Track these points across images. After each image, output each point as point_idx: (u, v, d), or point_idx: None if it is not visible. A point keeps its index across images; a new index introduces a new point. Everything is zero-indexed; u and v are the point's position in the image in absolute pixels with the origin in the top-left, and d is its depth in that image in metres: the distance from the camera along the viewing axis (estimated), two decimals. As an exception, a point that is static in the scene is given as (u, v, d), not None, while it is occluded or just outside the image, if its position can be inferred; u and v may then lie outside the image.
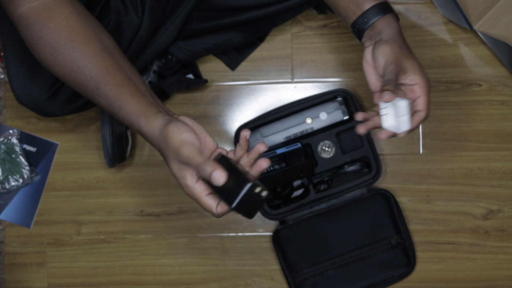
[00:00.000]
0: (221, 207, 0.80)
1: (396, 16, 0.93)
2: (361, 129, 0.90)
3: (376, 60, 0.91)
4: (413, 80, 0.88)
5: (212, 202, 0.80)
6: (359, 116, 0.90)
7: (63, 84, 1.10)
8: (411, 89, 0.88)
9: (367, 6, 0.92)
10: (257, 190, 0.76)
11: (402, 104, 0.86)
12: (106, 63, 0.85)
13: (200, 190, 0.80)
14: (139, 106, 0.83)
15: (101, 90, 0.85)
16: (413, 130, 0.89)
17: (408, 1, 1.35)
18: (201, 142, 0.81)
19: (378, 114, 0.89)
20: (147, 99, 0.84)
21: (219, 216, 0.81)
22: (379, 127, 0.89)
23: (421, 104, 0.88)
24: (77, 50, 0.85)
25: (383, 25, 0.91)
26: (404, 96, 0.87)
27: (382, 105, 0.88)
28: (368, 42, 0.94)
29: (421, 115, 0.89)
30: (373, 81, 0.93)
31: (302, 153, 1.24)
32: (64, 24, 0.85)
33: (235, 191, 0.76)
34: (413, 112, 0.89)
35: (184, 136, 0.79)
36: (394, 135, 0.90)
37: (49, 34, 0.85)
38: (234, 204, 0.75)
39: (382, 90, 0.86)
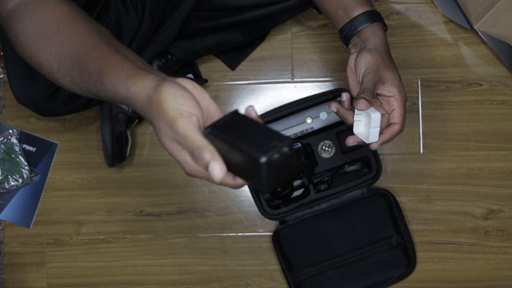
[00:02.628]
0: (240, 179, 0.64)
1: (383, 25, 0.94)
2: (333, 107, 0.94)
3: (357, 68, 0.92)
4: (390, 92, 0.89)
5: (228, 179, 0.64)
6: (333, 106, 0.94)
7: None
8: (387, 100, 0.89)
9: (355, 13, 0.93)
10: (276, 155, 0.58)
11: (375, 116, 0.87)
12: (93, 40, 0.75)
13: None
14: (127, 70, 0.68)
15: (84, 67, 0.73)
16: (385, 143, 0.90)
17: (409, 0, 1.35)
18: (204, 113, 0.64)
19: (353, 114, 0.92)
20: (137, 65, 0.70)
21: (238, 187, 0.66)
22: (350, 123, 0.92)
23: (396, 117, 0.89)
24: (63, 33, 0.76)
25: (369, 34, 0.92)
26: (379, 107, 0.89)
27: (357, 111, 0.90)
28: (354, 49, 0.95)
29: (395, 128, 0.90)
30: (354, 87, 0.95)
31: (302, 153, 1.24)
32: (50, 11, 0.78)
33: (254, 166, 0.58)
34: (388, 124, 0.90)
35: (181, 104, 0.61)
36: (362, 143, 0.92)
37: (35, 22, 0.77)
38: (265, 188, 0.59)
39: (357, 98, 0.88)
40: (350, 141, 0.93)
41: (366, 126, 0.90)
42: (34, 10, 0.78)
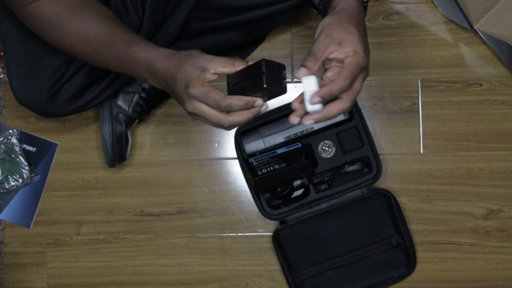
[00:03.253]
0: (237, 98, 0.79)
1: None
2: (292, 119, 0.82)
3: (315, 36, 0.84)
4: (343, 53, 0.80)
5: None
6: (294, 105, 0.83)
7: (64, 84, 1.10)
8: (335, 70, 0.80)
9: None
10: (271, 64, 0.77)
11: (307, 81, 0.79)
12: (107, 22, 0.91)
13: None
14: (153, 44, 0.88)
15: (108, 46, 0.90)
16: (320, 120, 0.80)
17: (409, 0, 1.35)
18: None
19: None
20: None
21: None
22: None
23: (339, 85, 0.78)
24: (82, 18, 0.91)
25: (338, 1, 0.84)
26: (328, 80, 0.80)
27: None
28: None
29: (336, 105, 0.80)
30: None
31: (302, 153, 1.24)
32: (66, 3, 0.91)
33: (256, 75, 0.77)
34: (335, 99, 0.81)
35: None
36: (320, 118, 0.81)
37: (55, 16, 0.91)
38: (265, 84, 0.76)
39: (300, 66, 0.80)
40: (306, 122, 0.81)
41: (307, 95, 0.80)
42: (53, 4, 0.91)
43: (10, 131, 1.36)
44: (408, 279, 1.33)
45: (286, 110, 1.27)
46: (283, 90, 0.79)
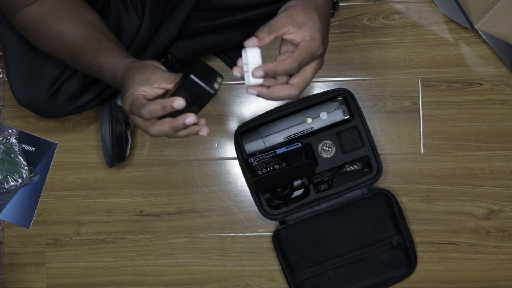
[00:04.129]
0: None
1: None
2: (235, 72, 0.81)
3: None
4: (300, 36, 0.79)
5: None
6: (235, 71, 0.81)
7: (63, 84, 1.10)
8: (288, 54, 0.79)
9: None
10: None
11: (250, 52, 0.77)
12: (87, 32, 0.91)
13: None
14: (120, 53, 0.88)
15: (82, 55, 0.90)
16: (264, 97, 0.80)
17: (409, 0, 1.34)
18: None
19: None
20: (127, 53, 0.89)
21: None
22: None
23: (286, 66, 0.77)
24: (62, 25, 0.91)
25: None
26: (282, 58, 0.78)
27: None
28: None
29: (287, 90, 0.80)
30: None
31: (302, 152, 1.24)
32: (51, 10, 0.92)
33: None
34: (285, 81, 0.81)
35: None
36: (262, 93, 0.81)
37: (40, 23, 0.92)
38: (192, 74, 0.74)
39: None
40: (249, 91, 0.81)
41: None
42: (38, 10, 0.92)
43: (10, 131, 1.36)
44: (409, 279, 1.33)
45: (286, 110, 1.27)
46: (212, 90, 0.77)
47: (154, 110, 0.78)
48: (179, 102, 0.77)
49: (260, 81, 0.78)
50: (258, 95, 0.81)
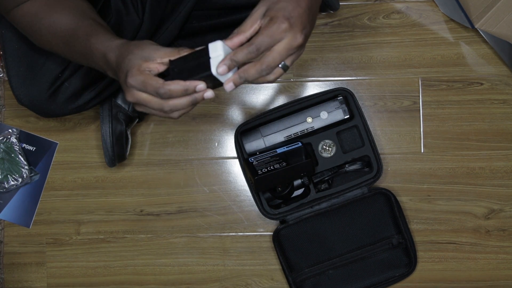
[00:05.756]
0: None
1: None
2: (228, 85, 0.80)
3: None
4: (271, 16, 0.76)
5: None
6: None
7: (63, 83, 1.10)
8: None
9: None
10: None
11: (213, 47, 0.77)
12: (76, 18, 0.91)
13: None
14: (112, 35, 0.88)
15: (73, 41, 0.90)
16: (249, 80, 0.79)
17: (409, -1, 1.35)
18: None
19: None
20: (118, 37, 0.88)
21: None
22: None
23: (261, 43, 0.75)
24: (55, 15, 0.92)
25: None
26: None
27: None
28: None
29: (256, 67, 0.78)
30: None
31: (302, 152, 1.24)
32: (46, 3, 0.93)
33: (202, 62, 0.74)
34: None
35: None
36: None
37: (34, 16, 0.92)
38: (212, 68, 0.73)
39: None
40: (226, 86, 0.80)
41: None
42: (32, 5, 0.92)
43: (10, 130, 1.36)
44: (409, 278, 1.33)
45: (286, 109, 1.27)
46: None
47: (175, 91, 0.78)
48: (201, 86, 0.77)
49: (229, 74, 0.77)
50: (236, 85, 0.79)
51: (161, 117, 0.85)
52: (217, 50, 0.76)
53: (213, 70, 0.76)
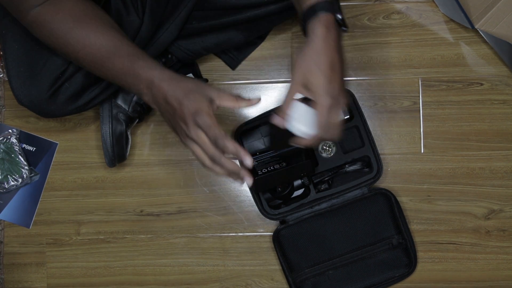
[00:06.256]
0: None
1: (335, 14, 0.86)
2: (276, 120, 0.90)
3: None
4: (313, 97, 0.87)
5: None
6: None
7: (63, 83, 1.10)
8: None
9: (305, 5, 0.87)
10: None
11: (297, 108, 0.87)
12: (113, 35, 0.94)
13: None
14: (156, 63, 0.92)
15: (112, 59, 0.92)
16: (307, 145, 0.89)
17: (409, 0, 1.34)
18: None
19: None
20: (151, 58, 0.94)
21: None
22: None
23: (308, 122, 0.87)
24: (87, 28, 0.93)
25: (309, 30, 0.86)
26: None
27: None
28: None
29: (302, 140, 0.89)
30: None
31: (302, 152, 1.24)
32: (71, 13, 0.93)
33: None
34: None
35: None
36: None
37: (59, 24, 0.92)
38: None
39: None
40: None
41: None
42: (55, 15, 0.92)
43: (10, 130, 1.36)
44: (409, 279, 1.33)
45: (286, 110, 1.27)
46: None
47: (228, 147, 0.88)
48: (248, 162, 0.89)
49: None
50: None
51: (204, 167, 0.92)
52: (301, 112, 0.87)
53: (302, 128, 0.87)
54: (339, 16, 0.87)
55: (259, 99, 0.91)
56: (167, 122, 0.93)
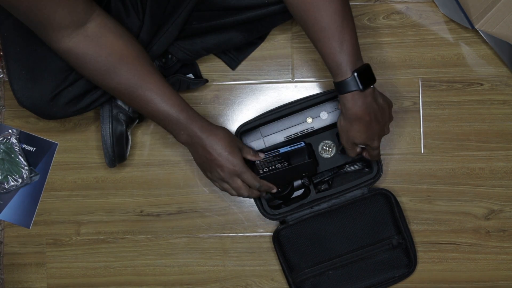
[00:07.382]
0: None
1: (365, 85, 1.02)
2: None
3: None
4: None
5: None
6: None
7: (65, 87, 1.10)
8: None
9: (338, 78, 1.02)
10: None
11: None
12: (156, 79, 1.03)
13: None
14: (199, 115, 1.08)
15: (156, 104, 1.03)
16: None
17: (409, 0, 1.34)
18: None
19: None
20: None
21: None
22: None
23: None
24: (131, 68, 1.00)
25: (344, 101, 1.04)
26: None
27: None
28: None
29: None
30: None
31: (305, 152, 1.24)
32: (113, 51, 0.98)
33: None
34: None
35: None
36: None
37: (104, 61, 0.98)
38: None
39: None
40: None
41: None
42: (99, 51, 0.98)
43: (10, 131, 1.36)
44: (409, 279, 1.33)
45: (286, 110, 1.27)
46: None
47: (263, 187, 1.15)
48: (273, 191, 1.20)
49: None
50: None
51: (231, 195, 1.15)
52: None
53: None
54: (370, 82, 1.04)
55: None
56: (197, 162, 1.11)
